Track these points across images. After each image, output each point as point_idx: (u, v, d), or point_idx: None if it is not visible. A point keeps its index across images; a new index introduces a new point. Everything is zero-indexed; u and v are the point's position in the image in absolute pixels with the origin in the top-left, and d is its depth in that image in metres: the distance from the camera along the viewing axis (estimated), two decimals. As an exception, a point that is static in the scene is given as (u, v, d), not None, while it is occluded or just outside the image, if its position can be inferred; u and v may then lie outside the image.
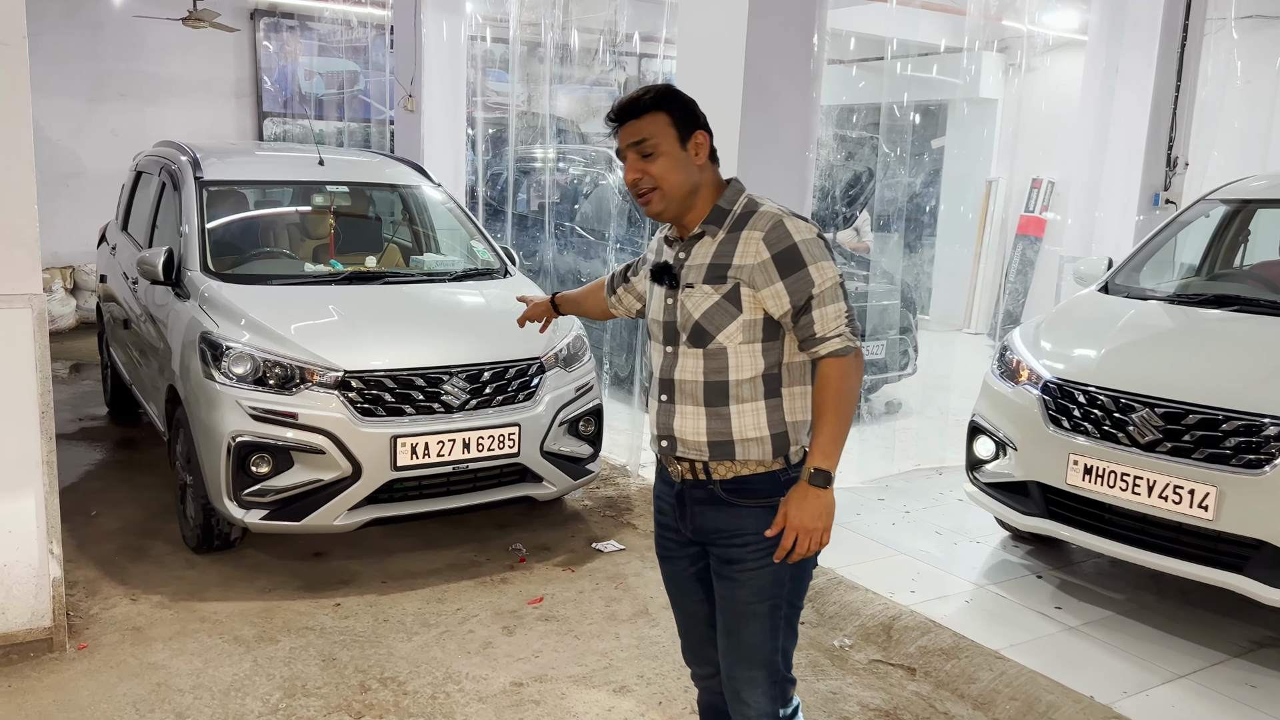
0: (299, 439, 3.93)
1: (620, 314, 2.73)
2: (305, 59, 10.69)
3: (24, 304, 3.22)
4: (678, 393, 2.20)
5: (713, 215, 2.20)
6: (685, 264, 2.22)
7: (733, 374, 2.16)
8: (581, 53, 6.58)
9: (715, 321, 2.15)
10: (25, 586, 3.37)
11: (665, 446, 2.24)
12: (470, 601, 4.01)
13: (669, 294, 2.23)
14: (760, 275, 2.12)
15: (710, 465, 2.19)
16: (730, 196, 2.22)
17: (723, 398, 2.16)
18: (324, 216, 5.37)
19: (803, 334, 2.15)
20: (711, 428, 2.17)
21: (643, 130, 2.14)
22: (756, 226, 2.15)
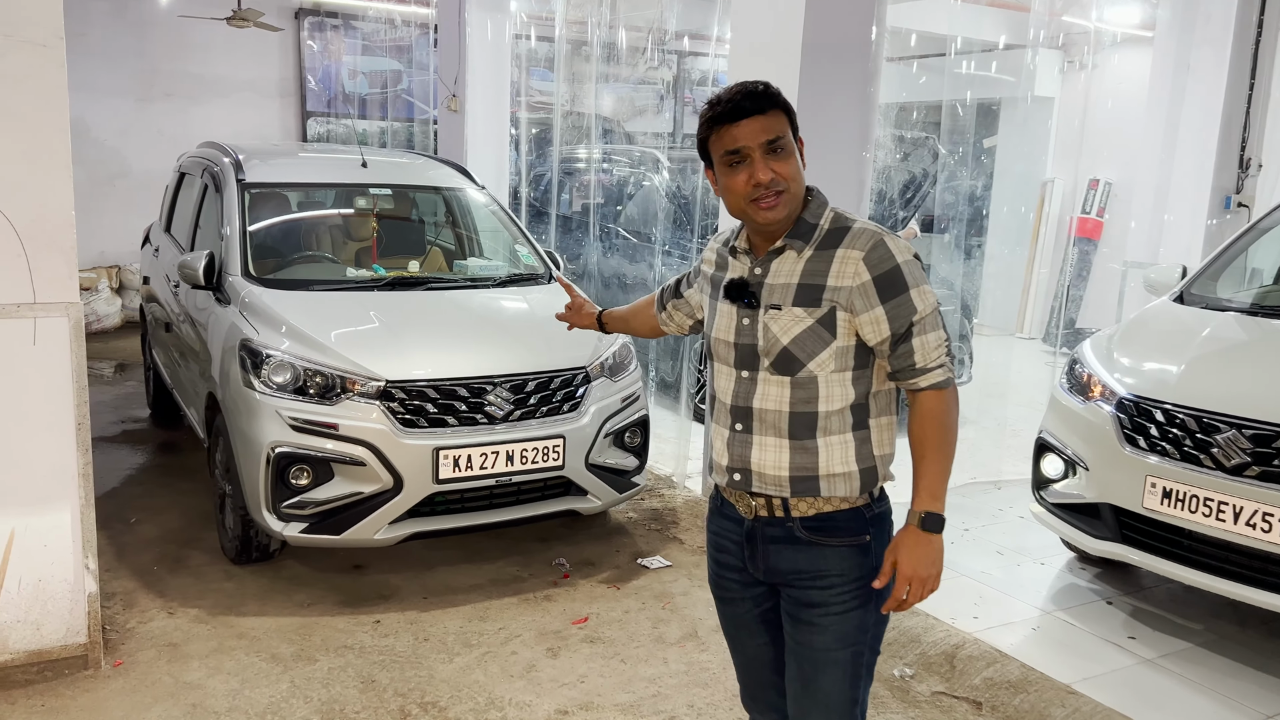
0: (339, 450, 3.82)
1: (672, 331, 2.55)
2: (349, 58, 10.65)
3: (60, 313, 3.13)
4: (756, 422, 2.03)
5: (798, 229, 2.01)
6: (764, 281, 2.03)
7: (822, 404, 1.99)
8: (628, 51, 6.42)
9: (807, 348, 1.97)
10: (60, 602, 3.29)
11: (739, 480, 2.07)
12: (513, 620, 3.88)
13: (745, 314, 2.04)
14: (860, 299, 1.95)
15: (790, 502, 2.03)
16: (815, 210, 2.03)
17: (810, 430, 2.00)
18: (367, 220, 5.27)
19: (900, 363, 1.98)
20: (796, 462, 2.00)
21: (774, 127, 1.95)
22: (855, 245, 1.97)
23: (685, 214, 6.55)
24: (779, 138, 1.94)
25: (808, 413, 1.99)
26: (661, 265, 6.33)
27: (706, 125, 2.00)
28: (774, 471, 2.02)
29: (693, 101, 10.86)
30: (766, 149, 1.94)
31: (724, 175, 1.99)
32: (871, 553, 2.04)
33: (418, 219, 5.62)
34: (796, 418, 2.00)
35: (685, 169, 6.68)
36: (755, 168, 1.94)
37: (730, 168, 1.97)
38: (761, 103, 1.95)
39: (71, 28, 9.48)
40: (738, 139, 1.94)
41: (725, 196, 2.02)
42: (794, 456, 2.00)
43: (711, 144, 2.00)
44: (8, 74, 2.97)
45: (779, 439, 2.01)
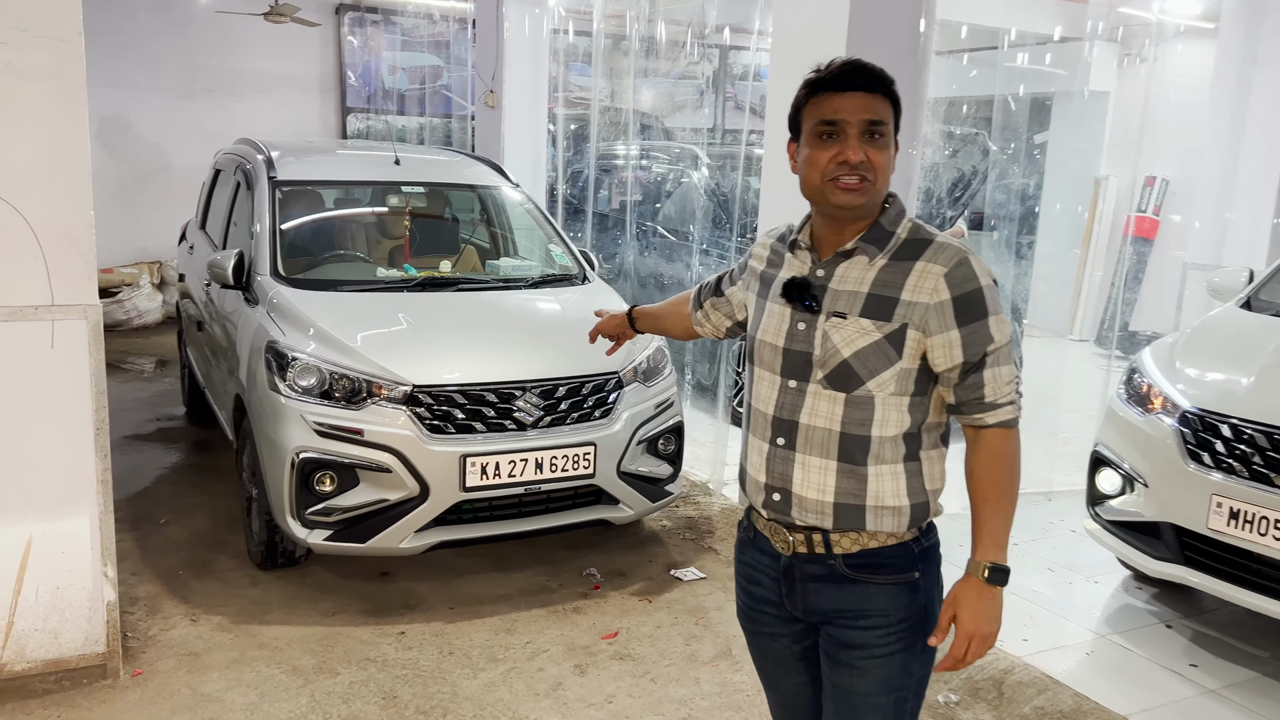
0: (365, 456, 3.72)
1: (706, 333, 2.36)
2: (388, 54, 10.61)
3: (79, 315, 3.06)
4: (801, 439, 1.86)
5: (873, 234, 1.85)
6: (828, 285, 1.86)
7: (876, 428, 1.82)
8: (667, 45, 6.27)
9: (869, 364, 1.80)
10: (79, 610, 3.22)
11: (778, 501, 1.89)
12: (541, 634, 3.75)
13: (801, 317, 1.87)
14: (935, 318, 1.78)
15: (832, 537, 1.86)
16: (893, 216, 1.87)
17: (861, 454, 1.83)
18: (399, 218, 5.17)
19: (966, 395, 1.81)
20: (842, 487, 1.84)
21: (878, 110, 1.80)
22: (938, 260, 1.80)
23: (724, 212, 6.39)
24: (881, 122, 1.80)
25: (861, 436, 1.82)
26: (699, 265, 6.17)
27: (806, 90, 1.85)
28: (817, 495, 1.85)
29: (734, 96, 10.68)
30: (865, 129, 1.78)
31: (811, 147, 1.84)
32: (920, 591, 1.88)
33: (451, 217, 5.52)
34: (848, 439, 1.83)
35: (725, 165, 6.52)
36: (848, 145, 1.78)
37: (820, 139, 1.82)
38: (872, 81, 1.81)
39: (114, 25, 9.56)
40: (838, 110, 1.79)
41: (803, 171, 1.86)
42: (840, 481, 1.84)
43: (806, 111, 1.85)
44: (26, 71, 2.90)
45: (825, 460, 1.84)
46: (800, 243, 1.94)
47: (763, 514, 1.96)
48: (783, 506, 1.90)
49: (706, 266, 6.11)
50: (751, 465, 1.96)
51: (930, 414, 1.87)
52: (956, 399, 1.83)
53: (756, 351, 1.96)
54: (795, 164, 1.90)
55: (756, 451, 1.94)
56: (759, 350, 1.95)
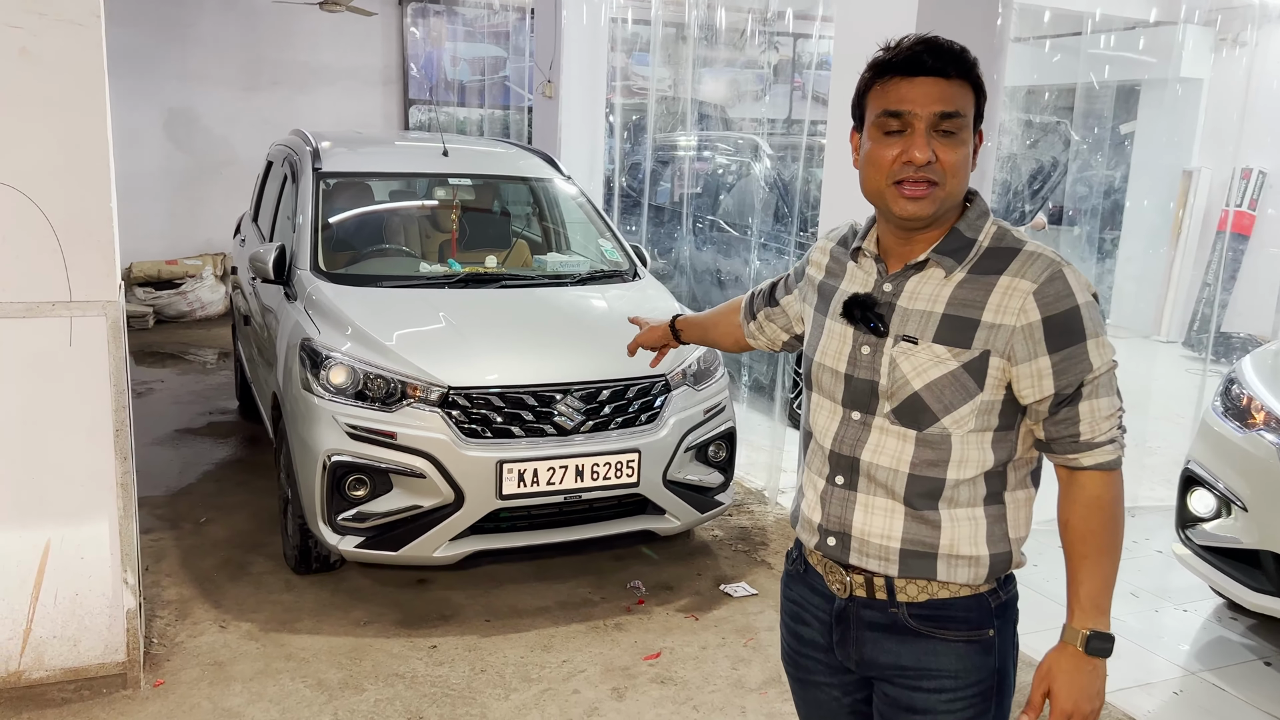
0: (398, 460, 3.56)
1: (760, 346, 2.11)
2: (450, 44, 10.51)
3: (98, 311, 2.94)
4: (863, 478, 1.63)
5: (950, 242, 1.59)
6: (896, 303, 1.61)
7: (952, 470, 1.58)
8: (728, 33, 6.00)
9: (945, 398, 1.56)
10: (98, 618, 3.11)
11: (833, 546, 1.67)
12: (579, 652, 3.55)
13: (865, 340, 1.63)
14: (1022, 344, 1.52)
15: (896, 583, 1.62)
16: (974, 221, 1.60)
17: (932, 498, 1.59)
18: (446, 212, 5.01)
19: (1058, 432, 1.55)
20: (910, 533, 1.60)
21: (953, 99, 1.53)
22: (1026, 273, 1.53)
23: (786, 204, 6.11)
24: (955, 115, 1.52)
25: (933, 478, 1.59)
26: (758, 260, 5.90)
27: (871, 72, 1.60)
28: (881, 541, 1.62)
29: (802, 86, 10.34)
30: (935, 123, 1.52)
31: (873, 140, 1.59)
32: (994, 651, 1.64)
33: (500, 210, 5.34)
34: (918, 481, 1.59)
35: (786, 156, 6.23)
36: (913, 142, 1.52)
37: (883, 133, 1.57)
38: (947, 63, 1.53)
39: (182, 18, 9.60)
40: (904, 98, 1.53)
41: (864, 170, 1.62)
42: (909, 526, 1.60)
43: (870, 97, 1.60)
44: (41, 57, 2.78)
45: (891, 502, 1.61)
46: (865, 250, 1.69)
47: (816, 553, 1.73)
48: (838, 552, 1.67)
49: (765, 262, 5.85)
50: (806, 503, 1.73)
51: (1018, 449, 1.61)
52: (1047, 435, 1.57)
53: (814, 375, 1.72)
54: (857, 157, 1.65)
55: (811, 488, 1.72)
56: (817, 374, 1.71)
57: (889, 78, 1.55)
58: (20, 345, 2.89)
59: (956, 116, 1.52)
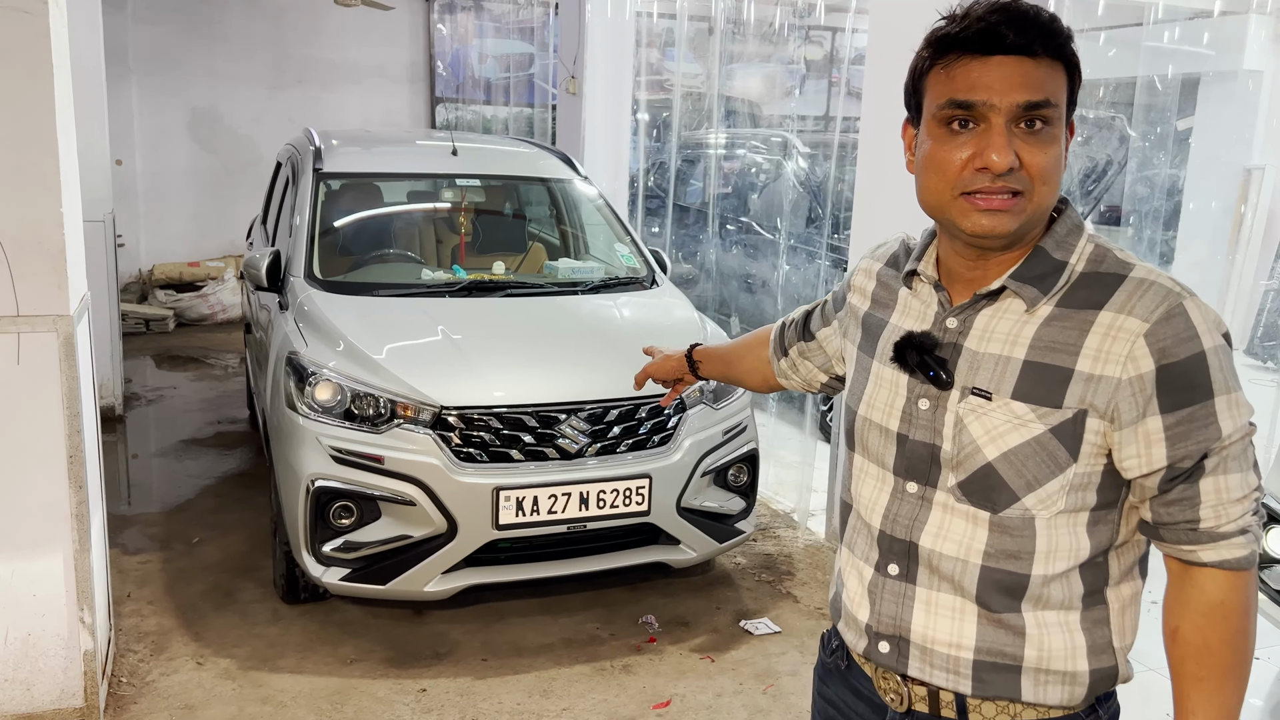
0: (385, 487, 3.27)
1: (794, 387, 1.75)
2: (477, 41, 10.26)
3: (48, 327, 2.68)
4: (924, 569, 1.29)
5: (1034, 265, 1.23)
6: (963, 344, 1.26)
7: (1039, 564, 1.23)
8: (758, 25, 5.67)
9: (1027, 472, 1.21)
10: (53, 660, 2.86)
11: (887, 653, 1.33)
12: (581, 698, 3.24)
13: (924, 392, 1.28)
14: (1129, 401, 1.16)
15: (969, 702, 1.28)
16: (1065, 237, 1.24)
17: (1013, 597, 1.24)
18: (454, 215, 4.73)
19: (1171, 515, 1.19)
20: (986, 640, 1.26)
21: (1042, 85, 1.17)
22: (1135, 309, 1.16)
23: (819, 205, 5.75)
24: (1045, 104, 1.16)
25: (1014, 573, 1.24)
26: (787, 264, 5.54)
27: (931, 50, 1.23)
28: (949, 650, 1.28)
29: (840, 82, 9.94)
30: (1019, 115, 1.17)
31: (934, 139, 1.22)
32: None
33: (512, 213, 5.05)
34: (992, 575, 1.24)
35: (819, 154, 5.87)
36: (990, 141, 1.17)
37: (947, 128, 1.21)
38: (1033, 37, 1.16)
39: (209, 15, 9.44)
40: (975, 85, 1.17)
41: (923, 176, 1.25)
42: (984, 631, 1.25)
43: (930, 82, 1.23)
44: (-18, 47, 2.52)
45: (961, 600, 1.26)
46: (922, 275, 1.33)
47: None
48: (894, 659, 1.32)
49: (795, 267, 5.49)
50: (849, 594, 1.39)
51: (1121, 530, 1.26)
52: (1156, 518, 1.22)
53: (859, 433, 1.38)
54: (912, 158, 1.30)
55: (855, 576, 1.38)
56: (862, 432, 1.37)
57: (955, 57, 1.19)
58: (-39, 364, 2.64)
59: (1047, 106, 1.17)
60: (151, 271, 9.31)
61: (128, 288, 9.28)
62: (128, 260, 9.33)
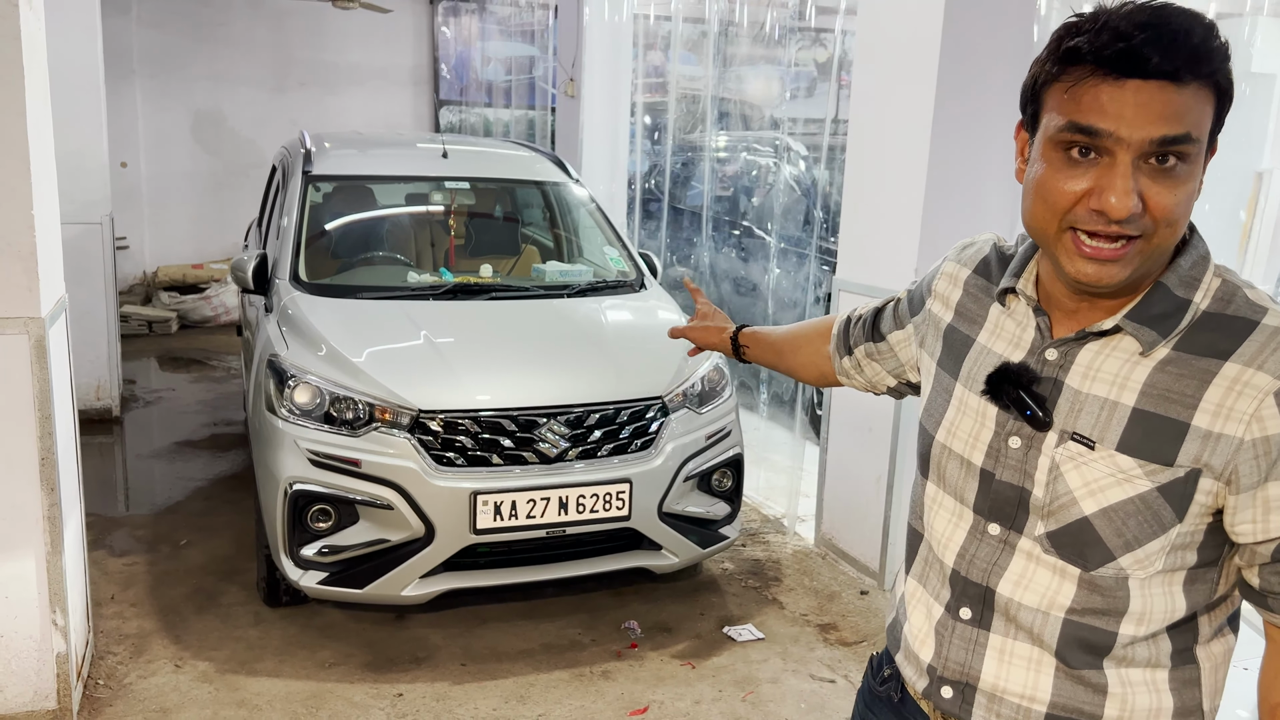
0: (362, 490, 3.26)
1: (856, 387, 1.60)
2: (481, 44, 10.26)
3: (19, 329, 2.67)
4: (1000, 617, 1.19)
5: (1152, 302, 1.11)
6: (1064, 380, 1.15)
7: (1129, 624, 1.14)
8: (751, 26, 5.63)
9: (1128, 531, 1.11)
10: (26, 661, 2.85)
11: (950, 699, 1.24)
12: (557, 705, 3.22)
13: (1016, 429, 1.17)
14: (1251, 464, 1.05)
15: None
16: (1190, 272, 1.11)
17: (1097, 655, 1.15)
18: (441, 218, 4.72)
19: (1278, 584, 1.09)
20: (1064, 696, 1.17)
21: (1183, 117, 1.02)
22: (1264, 363, 1.04)
23: (824, 211, 5.71)
24: (1185, 139, 1.02)
25: (1100, 629, 1.15)
26: (777, 268, 5.50)
27: (1056, 61, 1.07)
28: (1020, 701, 1.19)
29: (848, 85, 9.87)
30: (1150, 153, 1.03)
31: (1048, 161, 1.08)
32: None
33: (502, 216, 5.04)
34: (1075, 631, 1.15)
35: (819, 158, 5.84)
36: (1113, 182, 1.03)
37: (1065, 154, 1.07)
38: (1181, 62, 1.00)
39: (213, 18, 9.47)
40: (1106, 111, 1.02)
41: (1030, 199, 1.11)
42: (1062, 687, 1.17)
43: (1050, 95, 1.08)
44: (-49, 49, 2.52)
45: (1040, 652, 1.18)
46: (1021, 293, 1.20)
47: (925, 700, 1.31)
48: (958, 706, 1.24)
49: (785, 271, 5.45)
50: (912, 629, 1.30)
51: (1219, 588, 1.16)
52: (1264, 585, 1.11)
53: (935, 459, 1.28)
54: (1022, 167, 1.16)
55: (923, 612, 1.29)
56: (939, 459, 1.27)
57: (1084, 74, 1.03)
58: (-68, 366, 2.64)
59: (1186, 141, 1.02)
60: (155, 273, 9.35)
61: (132, 289, 9.32)
62: (131, 262, 9.38)
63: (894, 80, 3.82)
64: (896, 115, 3.80)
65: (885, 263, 3.83)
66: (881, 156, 3.91)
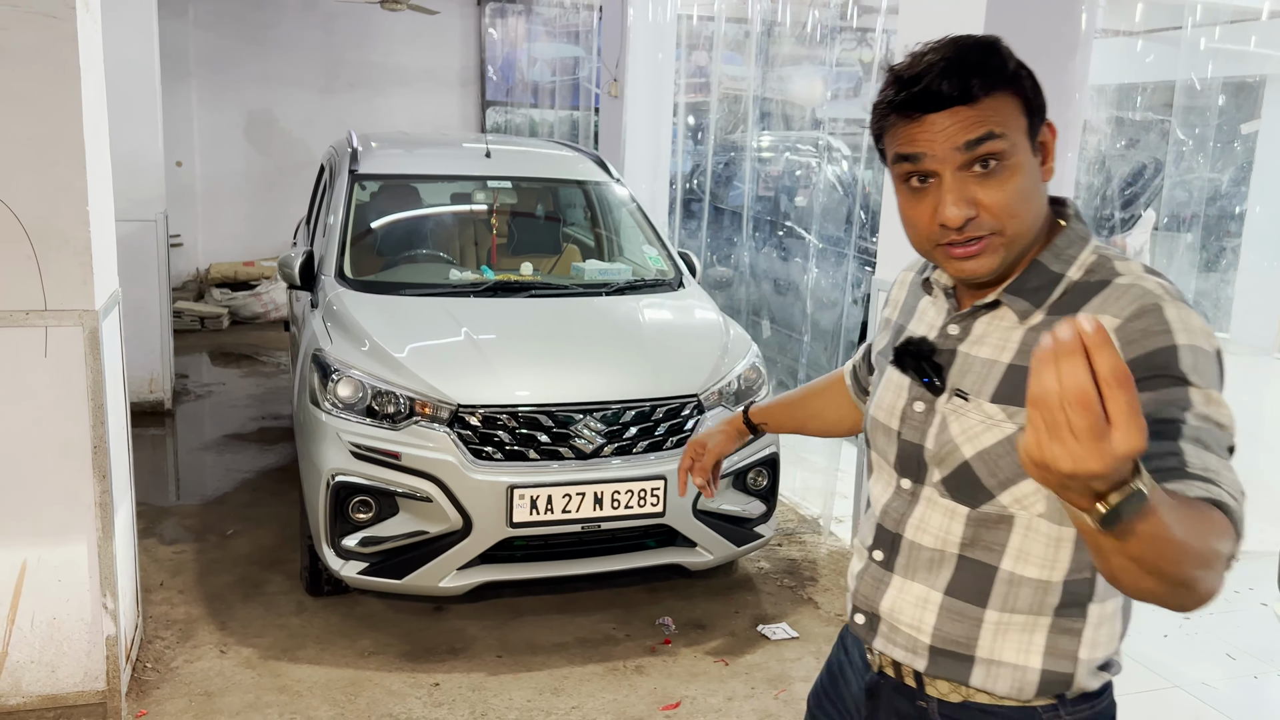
0: (402, 483, 3.32)
1: None
2: (527, 45, 10.35)
3: (74, 321, 2.77)
4: (902, 557, 1.36)
5: (1029, 279, 1.25)
6: (958, 349, 1.30)
7: (1009, 561, 1.26)
8: (793, 26, 5.63)
9: (1000, 470, 1.23)
10: (77, 644, 2.95)
11: (861, 624, 1.42)
12: (591, 698, 3.26)
13: (919, 394, 1.34)
14: None
15: (925, 678, 1.35)
16: (1065, 249, 1.26)
17: (981, 595, 1.28)
18: (484, 216, 4.78)
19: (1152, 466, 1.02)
20: (943, 629, 1.31)
21: (985, 121, 1.18)
22: (1107, 308, 1.17)
23: (865, 211, 5.70)
24: (988, 136, 1.17)
25: (984, 564, 1.27)
26: (815, 268, 5.49)
27: (878, 112, 1.26)
28: (909, 630, 1.35)
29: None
30: (966, 165, 1.18)
31: (899, 194, 1.27)
32: None
33: (544, 215, 5.09)
34: (966, 566, 1.28)
35: (859, 159, 5.83)
36: (943, 197, 1.19)
37: (907, 185, 1.25)
38: (969, 84, 1.16)
39: (265, 20, 9.67)
40: (916, 142, 1.20)
41: (903, 227, 1.30)
42: (943, 622, 1.31)
43: (885, 140, 1.28)
44: (12, 51, 2.62)
45: (928, 591, 1.32)
46: (934, 281, 1.38)
47: None
48: (866, 632, 1.42)
49: (824, 271, 5.44)
50: (850, 571, 1.51)
51: None
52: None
53: (869, 431, 1.46)
54: None
55: (857, 557, 1.47)
56: (872, 430, 1.44)
57: (896, 120, 1.22)
58: (-8, 356, 2.74)
59: (990, 139, 1.17)
60: (208, 270, 9.55)
61: (185, 286, 9.54)
62: (185, 259, 9.60)
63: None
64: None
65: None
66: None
